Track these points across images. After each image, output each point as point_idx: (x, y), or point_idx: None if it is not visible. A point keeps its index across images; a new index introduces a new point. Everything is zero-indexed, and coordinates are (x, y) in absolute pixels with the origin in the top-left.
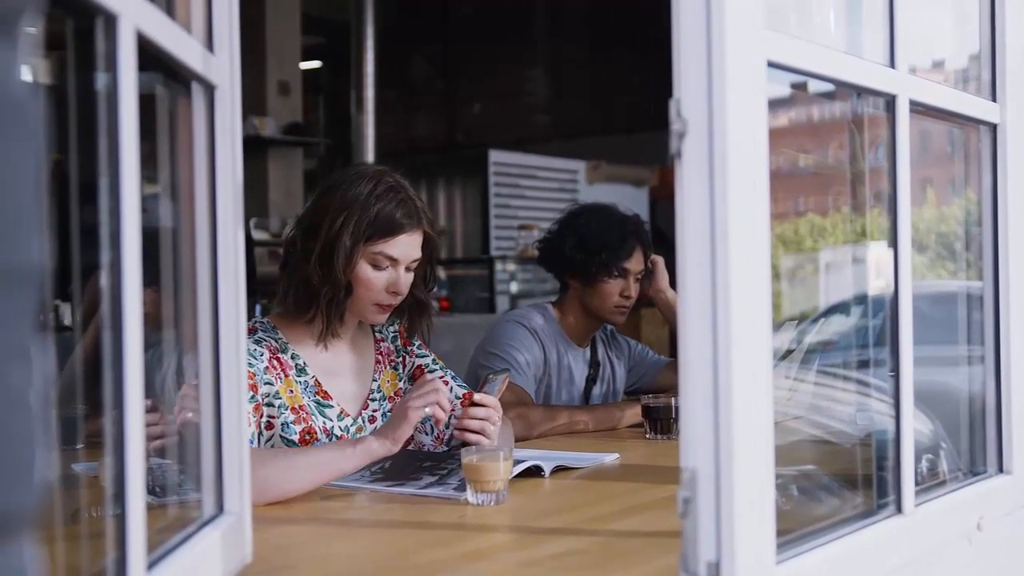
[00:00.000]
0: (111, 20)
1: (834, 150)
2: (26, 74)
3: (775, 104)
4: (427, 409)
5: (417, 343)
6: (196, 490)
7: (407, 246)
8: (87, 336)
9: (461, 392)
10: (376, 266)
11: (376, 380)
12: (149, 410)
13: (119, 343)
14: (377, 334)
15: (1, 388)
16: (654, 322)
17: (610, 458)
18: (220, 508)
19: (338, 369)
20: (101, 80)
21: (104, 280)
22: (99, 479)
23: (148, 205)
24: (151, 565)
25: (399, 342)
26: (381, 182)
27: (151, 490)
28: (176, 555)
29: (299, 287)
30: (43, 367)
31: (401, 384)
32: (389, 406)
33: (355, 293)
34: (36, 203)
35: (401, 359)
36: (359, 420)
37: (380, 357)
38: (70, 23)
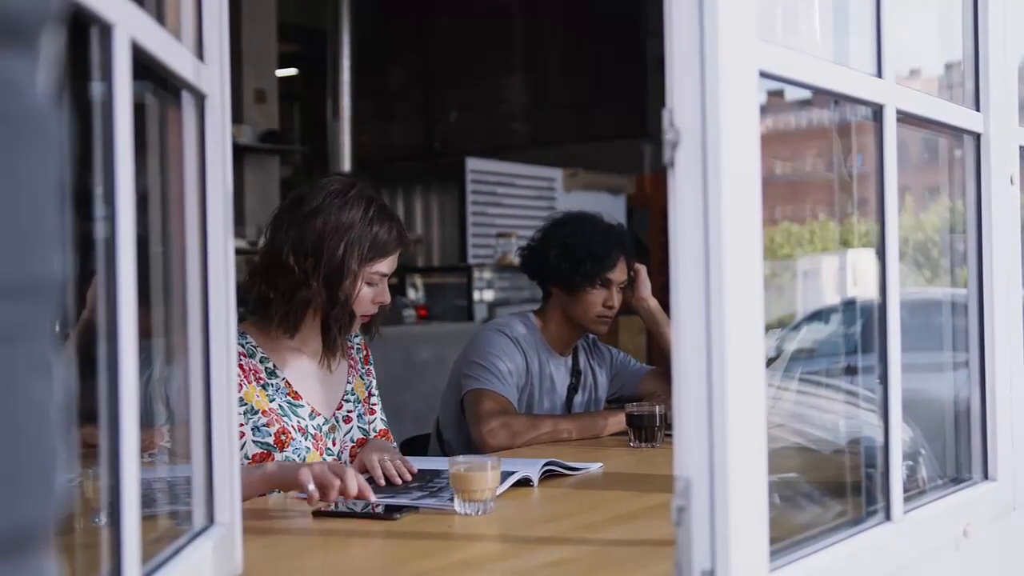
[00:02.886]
0: (106, 29)
1: (811, 158)
2: (46, 85)
3: None
4: (310, 487)
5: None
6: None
7: (395, 261)
8: (70, 343)
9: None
10: (369, 284)
11: (350, 383)
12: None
13: (114, 353)
14: (346, 340)
15: (24, 401)
16: (631, 329)
17: (595, 467)
18: (211, 519)
19: (311, 372)
20: (95, 89)
21: (97, 289)
22: (82, 490)
23: (137, 214)
24: None
25: (361, 355)
26: (371, 204)
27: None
28: (168, 567)
29: (300, 307)
30: (63, 380)
31: (366, 392)
32: (362, 408)
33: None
34: (57, 215)
35: (365, 371)
36: (332, 420)
37: (352, 362)
38: (63, 32)
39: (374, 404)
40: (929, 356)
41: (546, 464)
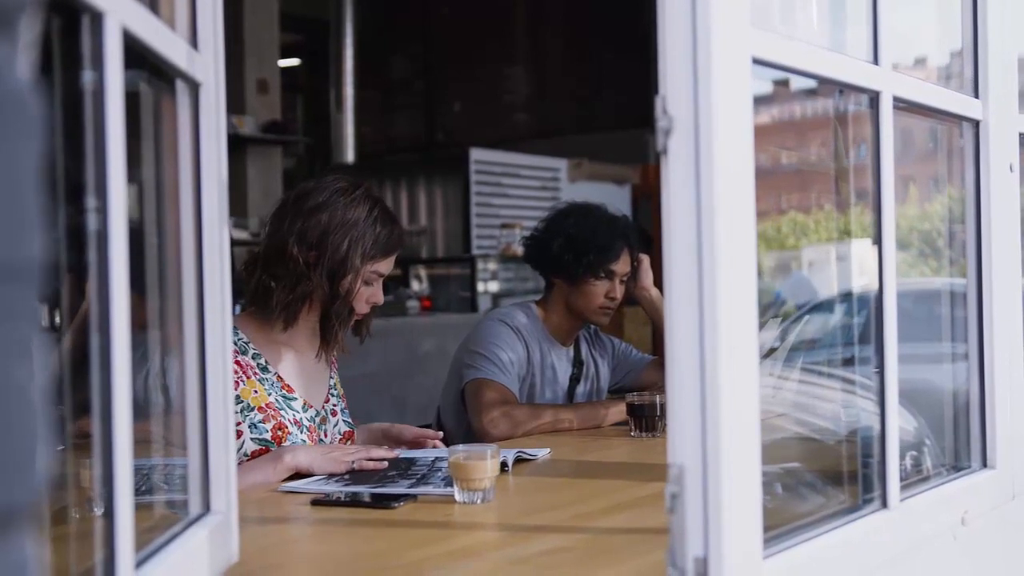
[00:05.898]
0: (97, 17)
1: (816, 147)
2: (25, 71)
3: (757, 101)
4: (355, 465)
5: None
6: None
7: (392, 263)
8: (68, 336)
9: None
10: (367, 282)
11: (332, 378)
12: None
13: (106, 344)
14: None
15: (5, 383)
16: (636, 320)
17: (542, 453)
18: (207, 507)
19: (299, 366)
20: (87, 77)
21: (90, 281)
22: (80, 479)
23: (133, 205)
24: (138, 564)
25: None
26: (376, 205)
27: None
28: (163, 554)
29: (300, 299)
30: (43, 362)
31: (342, 388)
32: (343, 404)
33: None
34: (36, 199)
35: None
36: (322, 412)
37: (333, 359)
38: (55, 20)
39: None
40: (934, 346)
41: (517, 452)
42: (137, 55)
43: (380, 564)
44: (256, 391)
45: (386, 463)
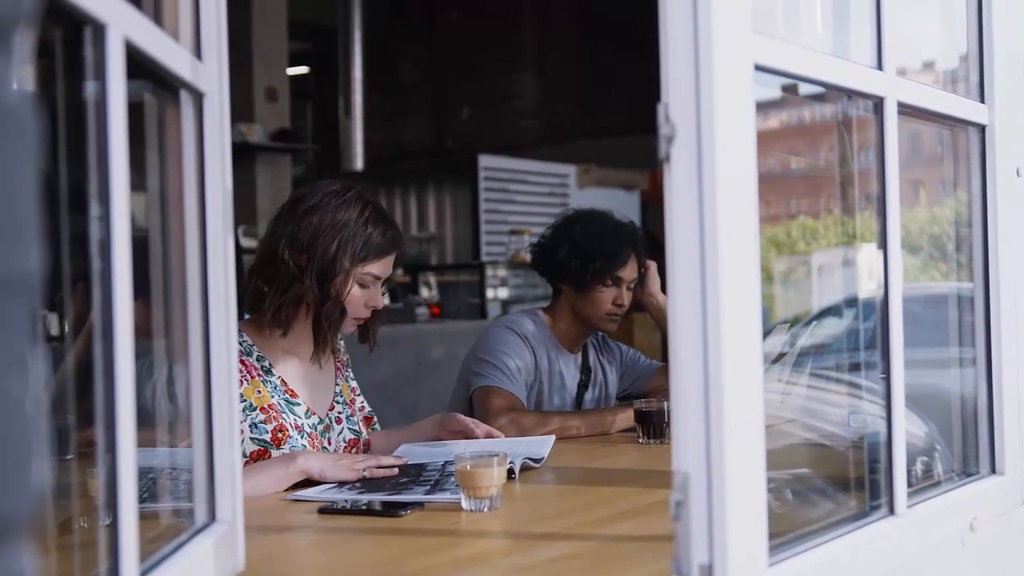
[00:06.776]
0: (100, 29)
1: (826, 152)
2: (21, 83)
3: (766, 106)
4: (365, 473)
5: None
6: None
7: (390, 265)
8: (76, 346)
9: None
10: (362, 285)
11: (338, 385)
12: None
13: (110, 353)
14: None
15: (0, 396)
16: (646, 327)
17: (548, 444)
18: (212, 516)
19: (303, 373)
20: (89, 88)
21: (94, 289)
22: (88, 489)
23: (135, 214)
24: (143, 573)
25: (346, 359)
26: (368, 206)
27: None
28: (168, 564)
29: (292, 303)
30: (39, 375)
31: (351, 394)
32: (349, 411)
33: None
34: (33, 211)
35: (348, 374)
36: (326, 420)
37: (339, 365)
38: (58, 31)
39: (361, 400)
40: (944, 351)
41: (522, 464)
42: (141, 66)
43: (387, 572)
44: (259, 391)
45: (396, 471)
